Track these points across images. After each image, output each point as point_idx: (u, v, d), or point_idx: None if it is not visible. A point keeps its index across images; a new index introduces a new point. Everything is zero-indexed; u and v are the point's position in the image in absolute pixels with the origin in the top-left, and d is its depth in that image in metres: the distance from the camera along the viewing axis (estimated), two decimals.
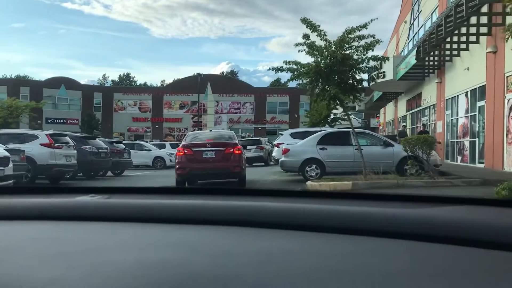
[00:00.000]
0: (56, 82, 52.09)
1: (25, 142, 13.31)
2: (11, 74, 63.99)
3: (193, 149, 11.74)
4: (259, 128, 51.98)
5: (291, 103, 53.62)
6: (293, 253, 0.75)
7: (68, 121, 51.77)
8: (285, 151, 13.39)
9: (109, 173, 17.68)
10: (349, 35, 11.36)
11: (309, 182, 11.71)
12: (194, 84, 46.12)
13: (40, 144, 13.35)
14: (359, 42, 11.39)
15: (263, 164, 23.36)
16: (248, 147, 19.45)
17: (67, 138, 14.64)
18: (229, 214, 0.97)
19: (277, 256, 0.74)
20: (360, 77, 11.99)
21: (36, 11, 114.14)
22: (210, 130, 13.65)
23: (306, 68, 11.50)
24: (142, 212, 0.99)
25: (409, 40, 28.59)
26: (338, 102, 12.36)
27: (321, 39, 11.59)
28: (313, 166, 12.91)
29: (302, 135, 15.61)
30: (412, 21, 28.64)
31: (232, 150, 11.85)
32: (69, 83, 53.24)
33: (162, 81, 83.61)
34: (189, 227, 0.92)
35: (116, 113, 55.38)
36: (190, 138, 12.46)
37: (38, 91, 49.33)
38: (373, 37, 11.31)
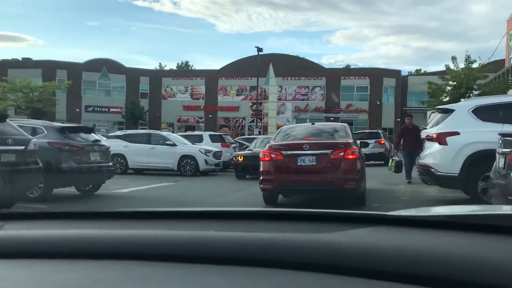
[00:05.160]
0: (97, 65, 50.38)
1: None
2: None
3: (283, 153, 8.22)
4: (331, 119, 47.55)
5: (372, 87, 48.70)
6: None
7: (111, 110, 50.19)
8: None
9: (69, 189, 10.76)
10: None
11: None
12: (254, 66, 42.58)
13: None
14: None
15: (382, 162, 21.04)
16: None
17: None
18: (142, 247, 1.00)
19: None
20: None
21: (110, 8, 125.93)
22: (312, 124, 10.09)
23: None
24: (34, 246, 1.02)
25: None
26: None
27: None
28: None
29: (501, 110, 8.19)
30: None
31: (342, 154, 8.20)
32: (112, 66, 51.41)
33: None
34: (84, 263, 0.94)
35: (164, 100, 53.25)
36: (282, 136, 9.07)
37: (77, 74, 47.82)
38: None
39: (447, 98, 24.80)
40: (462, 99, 22.64)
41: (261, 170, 8.51)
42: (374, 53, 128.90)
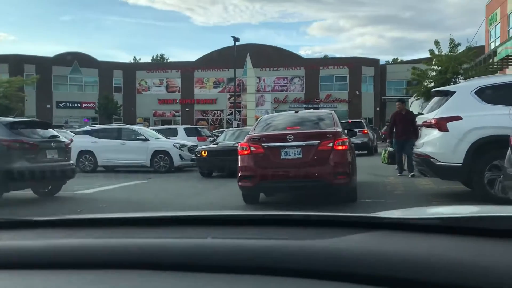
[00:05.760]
0: (68, 59, 48.43)
1: None
2: None
3: (264, 145, 7.22)
4: (311, 109, 46.84)
5: (351, 77, 48.01)
6: None
7: (83, 105, 48.48)
8: None
9: (25, 192, 9.52)
10: None
11: None
12: (231, 57, 41.28)
13: None
14: None
15: (366, 152, 20.56)
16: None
17: None
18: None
19: None
20: None
21: (84, 3, 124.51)
22: (296, 112, 9.01)
23: None
24: None
25: None
26: None
27: None
28: None
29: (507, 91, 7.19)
30: None
31: (331, 144, 7.23)
32: (84, 60, 49.51)
33: None
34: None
35: (139, 94, 51.72)
36: (262, 126, 8.02)
37: (46, 69, 45.91)
38: None
39: (432, 84, 24.07)
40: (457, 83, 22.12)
41: (239, 165, 7.45)
42: (351, 43, 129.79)
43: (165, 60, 74.24)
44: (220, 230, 1.18)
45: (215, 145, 14.82)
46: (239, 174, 7.42)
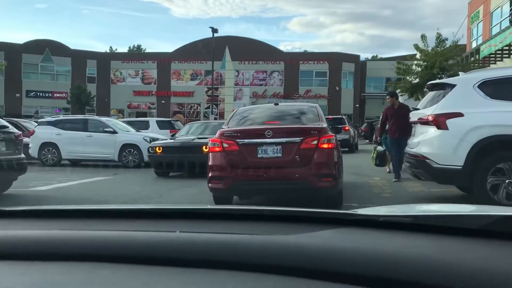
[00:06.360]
0: (39, 46, 46.49)
1: None
2: None
3: (239, 141, 6.27)
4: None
5: (331, 73, 47.32)
6: None
7: (55, 95, 46.69)
8: None
9: None
10: None
11: None
12: (209, 49, 39.92)
13: None
14: None
15: (347, 149, 19.11)
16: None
17: None
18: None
19: None
20: None
21: None
22: (276, 104, 7.97)
23: None
24: None
25: None
26: None
27: None
28: None
29: None
30: None
31: (315, 142, 6.32)
32: (56, 48, 47.60)
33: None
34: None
35: (114, 85, 50.08)
36: (238, 120, 7.04)
37: (16, 57, 43.95)
38: None
39: (417, 80, 23.41)
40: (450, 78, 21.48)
41: (209, 164, 6.45)
42: (331, 40, 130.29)
43: (143, 51, 72.46)
44: (189, 224, 1.17)
45: (172, 140, 12.93)
46: (209, 175, 6.43)
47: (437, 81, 8.01)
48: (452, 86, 6.61)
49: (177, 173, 12.38)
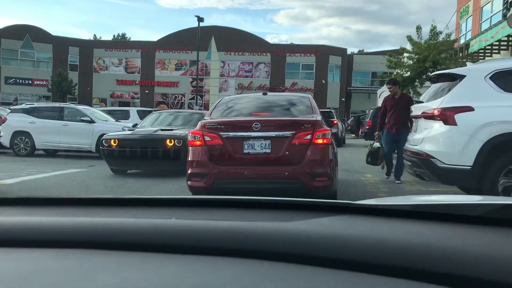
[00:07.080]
0: (19, 32, 44.98)
1: None
2: None
3: (223, 134, 5.52)
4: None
5: (318, 65, 46.70)
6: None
7: (35, 82, 45.29)
8: None
9: None
10: None
11: None
12: (194, 39, 38.87)
13: None
14: None
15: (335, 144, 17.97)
16: None
17: None
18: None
19: None
20: None
21: None
22: (264, 93, 7.17)
23: None
24: None
25: None
26: None
27: None
28: None
29: None
30: None
31: (309, 137, 5.60)
32: (36, 34, 46.13)
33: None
34: None
35: (96, 73, 48.80)
36: (222, 110, 6.25)
37: None
38: None
39: (408, 74, 22.85)
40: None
41: (188, 159, 5.69)
42: (317, 34, 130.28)
43: (128, 39, 70.88)
44: (185, 213, 1.16)
45: (130, 132, 10.99)
46: (189, 171, 5.67)
47: (443, 71, 7.32)
48: (461, 77, 5.92)
49: (136, 171, 11.06)
